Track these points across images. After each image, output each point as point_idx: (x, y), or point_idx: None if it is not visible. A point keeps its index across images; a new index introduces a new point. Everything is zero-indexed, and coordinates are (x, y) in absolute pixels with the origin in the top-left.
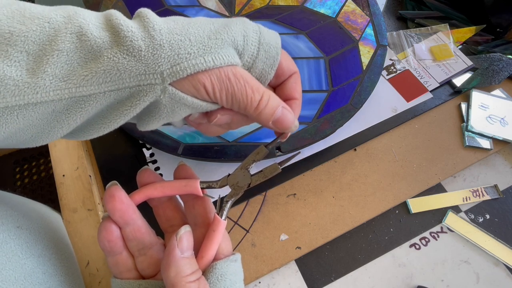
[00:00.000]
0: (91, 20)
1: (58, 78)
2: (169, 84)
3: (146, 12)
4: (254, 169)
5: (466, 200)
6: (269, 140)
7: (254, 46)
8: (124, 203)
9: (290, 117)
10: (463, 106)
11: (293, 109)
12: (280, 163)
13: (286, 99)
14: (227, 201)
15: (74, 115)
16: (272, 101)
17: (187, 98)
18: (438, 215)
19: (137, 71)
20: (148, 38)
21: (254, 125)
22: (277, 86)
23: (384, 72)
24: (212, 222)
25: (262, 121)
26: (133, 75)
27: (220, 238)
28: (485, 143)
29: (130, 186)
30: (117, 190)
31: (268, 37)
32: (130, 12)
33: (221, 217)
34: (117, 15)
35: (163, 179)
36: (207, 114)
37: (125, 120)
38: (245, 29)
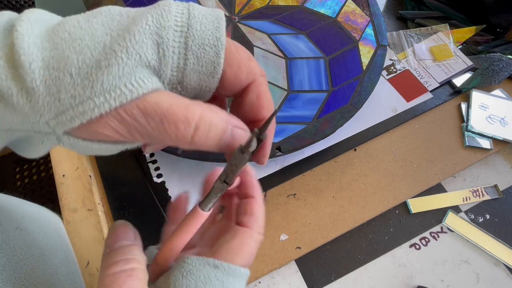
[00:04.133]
0: None
1: None
2: (63, 133)
3: (22, 25)
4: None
5: (466, 200)
6: None
7: (177, 54)
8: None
9: (244, 136)
10: (463, 106)
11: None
12: (243, 150)
13: (250, 121)
14: (213, 189)
15: None
16: (215, 127)
17: (91, 145)
18: (438, 215)
19: (18, 121)
20: (17, 78)
21: None
22: (234, 99)
23: (384, 72)
24: (191, 211)
25: (210, 150)
26: (16, 123)
27: (191, 230)
28: (485, 143)
29: (130, 186)
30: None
31: (201, 31)
32: None
33: (203, 208)
34: (14, 38)
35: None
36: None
37: (47, 150)
38: (159, 30)
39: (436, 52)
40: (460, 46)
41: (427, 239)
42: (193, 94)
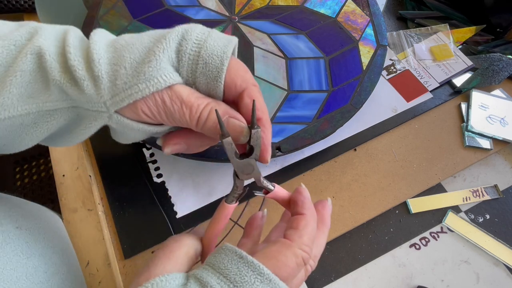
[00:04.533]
0: (50, 41)
1: (24, 96)
2: (115, 111)
3: (94, 37)
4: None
5: (466, 200)
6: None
7: (191, 60)
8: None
9: (237, 125)
10: (463, 106)
11: (266, 138)
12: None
13: (247, 121)
14: (236, 188)
15: (41, 128)
16: (213, 115)
17: (132, 124)
18: (438, 215)
19: (84, 99)
20: (89, 70)
21: None
22: (237, 105)
23: (384, 72)
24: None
25: (210, 134)
26: (79, 101)
27: (222, 220)
28: (485, 143)
29: (130, 186)
30: None
31: (213, 46)
32: (130, 12)
33: (228, 202)
34: (69, 39)
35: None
36: (163, 143)
37: (87, 136)
38: (182, 42)
39: (436, 52)
40: (460, 46)
41: (427, 239)
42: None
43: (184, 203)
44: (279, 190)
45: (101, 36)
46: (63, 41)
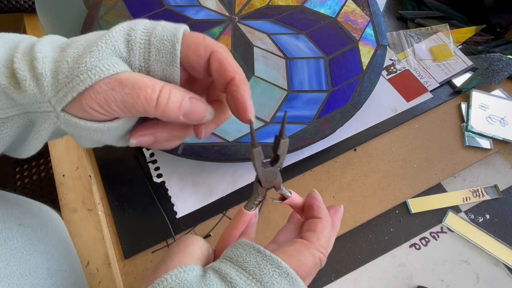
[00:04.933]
0: (4, 49)
1: None
2: (62, 110)
3: (43, 40)
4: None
5: (466, 200)
6: (269, 140)
7: (142, 48)
8: None
9: (201, 106)
10: (463, 106)
11: (235, 90)
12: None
13: (223, 87)
14: (256, 195)
15: None
16: (175, 94)
17: (79, 122)
18: (438, 215)
19: (29, 101)
20: (32, 69)
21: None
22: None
23: (384, 72)
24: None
25: (171, 118)
26: (26, 104)
27: (239, 227)
28: (485, 143)
29: (130, 186)
30: None
31: (163, 31)
32: (130, 12)
33: (247, 209)
34: (20, 46)
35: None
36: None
37: (42, 141)
38: (130, 32)
39: (436, 52)
40: (460, 46)
41: (427, 239)
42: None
43: (184, 203)
44: (295, 197)
45: (51, 39)
46: (15, 48)
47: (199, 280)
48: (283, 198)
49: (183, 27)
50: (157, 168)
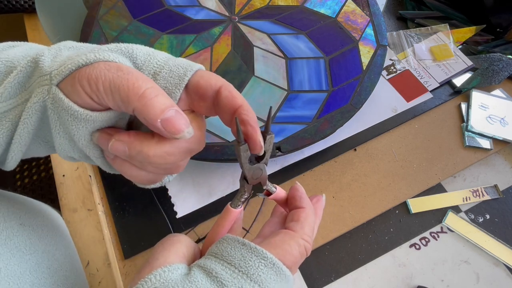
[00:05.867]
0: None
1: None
2: (56, 85)
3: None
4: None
5: (466, 200)
6: None
7: (158, 64)
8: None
9: (184, 121)
10: (463, 106)
11: (245, 114)
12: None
13: (230, 112)
14: (242, 192)
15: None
16: (163, 98)
17: (64, 99)
18: (438, 215)
19: (37, 74)
20: (54, 48)
21: None
22: (216, 109)
23: (384, 72)
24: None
25: (148, 116)
26: (33, 79)
27: (226, 224)
28: (485, 143)
29: (130, 186)
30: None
31: (180, 61)
32: (130, 12)
33: (233, 206)
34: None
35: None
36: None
37: (29, 136)
38: (156, 53)
39: (436, 52)
40: (460, 46)
41: (427, 239)
42: None
43: (184, 203)
44: (280, 191)
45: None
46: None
47: (184, 278)
48: (269, 193)
49: (200, 65)
50: None
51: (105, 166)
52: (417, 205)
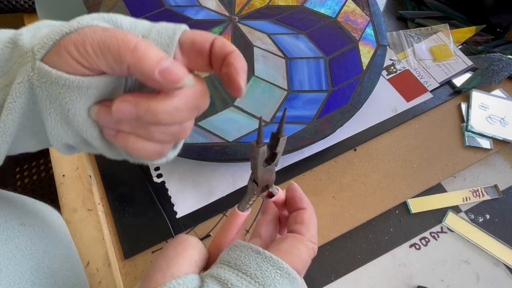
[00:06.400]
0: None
1: None
2: (41, 60)
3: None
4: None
5: (466, 200)
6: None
7: (145, 29)
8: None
9: (182, 69)
10: (463, 106)
11: (233, 58)
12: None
13: (221, 59)
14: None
15: None
16: (156, 49)
17: (51, 71)
18: (438, 215)
19: (17, 54)
20: (32, 26)
21: (253, 125)
22: (212, 63)
23: (384, 72)
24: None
25: (144, 68)
26: (13, 60)
27: (233, 228)
28: (485, 143)
29: (130, 186)
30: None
31: (166, 24)
32: (130, 12)
33: (241, 209)
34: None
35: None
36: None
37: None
38: (141, 21)
39: (436, 52)
40: (460, 46)
41: (427, 239)
42: None
43: (184, 203)
44: (281, 193)
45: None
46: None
47: None
48: (271, 195)
49: (185, 26)
50: (157, 168)
51: (104, 148)
52: (417, 205)
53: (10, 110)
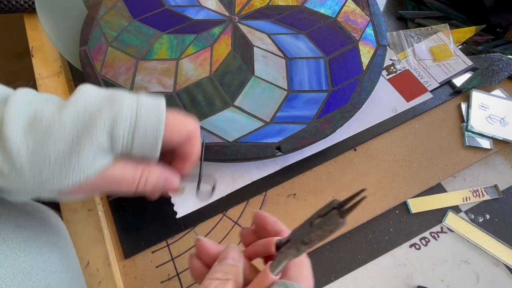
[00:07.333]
0: None
1: None
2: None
3: (8, 106)
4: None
5: (466, 200)
6: (269, 140)
7: (126, 142)
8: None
9: (174, 181)
10: (463, 106)
11: (183, 169)
12: (342, 215)
13: (181, 158)
14: (285, 254)
15: None
16: (151, 178)
17: (64, 197)
18: (438, 215)
19: (10, 187)
20: (9, 162)
21: (253, 125)
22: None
23: (384, 72)
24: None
25: (150, 195)
26: (8, 187)
27: None
28: (485, 143)
29: None
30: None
31: (146, 125)
32: (130, 12)
33: (272, 272)
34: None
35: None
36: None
37: None
38: (113, 125)
39: (436, 52)
40: (460, 46)
41: (427, 239)
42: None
43: (184, 203)
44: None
45: (18, 107)
46: None
47: None
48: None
49: (163, 112)
50: None
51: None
52: (417, 205)
53: None
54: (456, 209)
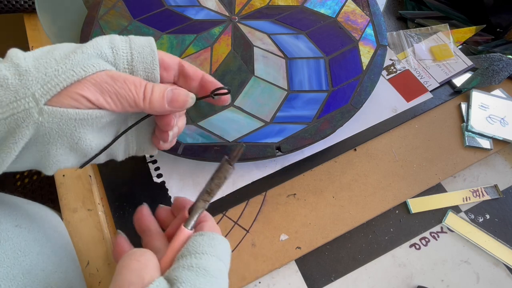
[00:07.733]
0: None
1: None
2: (45, 104)
3: (13, 49)
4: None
5: (466, 200)
6: (269, 140)
7: (126, 53)
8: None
9: (183, 92)
10: (463, 106)
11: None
12: (230, 161)
13: (192, 78)
14: (195, 209)
15: None
16: (157, 87)
17: (68, 111)
18: (438, 215)
19: (7, 100)
20: (13, 66)
21: (253, 125)
22: (178, 80)
23: (384, 72)
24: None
25: (158, 108)
26: (4, 105)
27: (179, 246)
28: (485, 143)
29: (130, 186)
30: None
31: (139, 41)
32: (130, 12)
33: (187, 227)
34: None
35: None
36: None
37: (12, 157)
38: (111, 41)
39: (436, 52)
40: (460, 46)
41: (427, 239)
42: None
43: None
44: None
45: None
46: None
47: None
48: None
49: (151, 38)
50: (157, 168)
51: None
52: (417, 205)
53: (10, 149)
54: (456, 209)
